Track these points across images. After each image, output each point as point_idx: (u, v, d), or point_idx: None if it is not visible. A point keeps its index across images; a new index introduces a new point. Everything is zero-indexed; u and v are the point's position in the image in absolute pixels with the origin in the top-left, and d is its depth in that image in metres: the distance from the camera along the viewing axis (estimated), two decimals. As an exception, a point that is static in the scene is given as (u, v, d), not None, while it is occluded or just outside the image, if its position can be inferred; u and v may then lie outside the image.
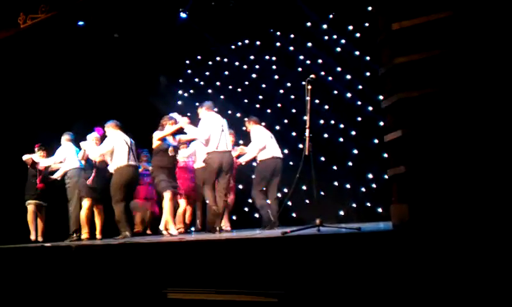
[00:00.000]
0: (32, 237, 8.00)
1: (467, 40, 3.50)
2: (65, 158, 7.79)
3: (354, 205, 7.97)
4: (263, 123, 7.52)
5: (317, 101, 8.17)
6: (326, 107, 8.43)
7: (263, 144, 7.03)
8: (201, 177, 7.07)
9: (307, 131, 4.78)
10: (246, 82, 9.59)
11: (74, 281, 5.09)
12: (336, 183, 8.17)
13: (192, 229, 8.17)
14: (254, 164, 7.72)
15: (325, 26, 8.66)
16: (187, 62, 10.52)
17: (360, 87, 8.15)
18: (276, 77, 9.20)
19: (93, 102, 9.42)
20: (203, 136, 6.65)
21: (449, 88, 3.51)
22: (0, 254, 6.28)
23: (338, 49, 8.50)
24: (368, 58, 8.06)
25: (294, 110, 8.73)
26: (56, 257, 5.62)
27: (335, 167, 8.23)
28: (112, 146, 6.89)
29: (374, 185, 7.83)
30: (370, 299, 3.24)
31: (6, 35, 8.40)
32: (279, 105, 9.00)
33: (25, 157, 8.03)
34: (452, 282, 2.99)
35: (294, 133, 8.57)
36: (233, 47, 9.86)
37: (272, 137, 7.17)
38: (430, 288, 3.04)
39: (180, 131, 6.97)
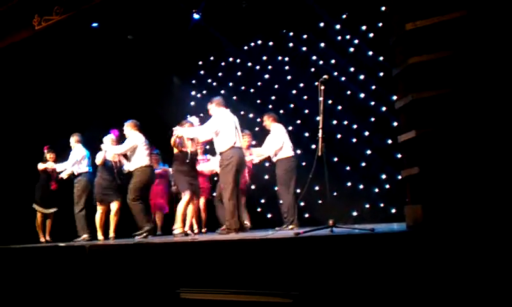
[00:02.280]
0: (42, 240, 8.09)
1: (481, 40, 3.47)
2: (79, 161, 7.86)
3: (367, 206, 7.94)
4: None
5: (330, 101, 8.15)
6: (339, 107, 8.40)
7: (280, 144, 7.08)
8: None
9: (320, 131, 4.78)
10: (259, 83, 9.58)
11: (88, 281, 5.13)
12: (349, 184, 8.14)
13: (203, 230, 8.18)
14: (267, 164, 7.73)
15: (338, 26, 8.62)
16: (200, 63, 10.54)
17: (373, 87, 8.11)
18: (289, 77, 9.18)
19: (106, 103, 9.48)
20: (206, 134, 6.55)
21: (463, 88, 3.48)
22: (14, 253, 6.36)
23: (352, 49, 8.46)
24: (381, 58, 8.02)
25: (306, 111, 8.71)
26: (69, 257, 5.67)
27: (348, 168, 8.20)
28: (136, 144, 6.96)
29: (387, 186, 7.79)
30: (383, 300, 3.23)
31: (21, 37, 8.48)
32: (292, 105, 8.99)
33: (41, 167, 8.13)
34: (467, 283, 2.96)
35: (306, 134, 8.56)
36: (245, 47, 9.86)
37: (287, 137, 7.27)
38: (444, 289, 3.02)
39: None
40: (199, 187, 7.24)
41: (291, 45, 9.26)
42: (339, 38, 8.61)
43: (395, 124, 7.46)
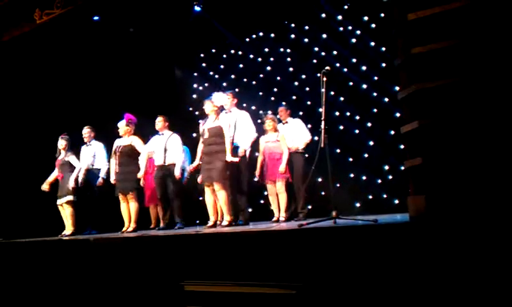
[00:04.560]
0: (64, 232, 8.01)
1: (484, 29, 3.46)
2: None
3: (370, 197, 7.93)
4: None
5: (332, 93, 8.14)
6: (342, 98, 8.38)
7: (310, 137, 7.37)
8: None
9: (323, 123, 4.77)
10: (261, 75, 9.56)
11: (93, 273, 5.15)
12: (352, 175, 8.13)
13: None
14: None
15: (340, 17, 8.58)
16: (202, 55, 10.52)
17: (376, 78, 8.08)
18: (291, 69, 9.16)
19: (107, 96, 9.48)
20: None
21: (466, 78, 3.47)
22: (20, 247, 6.39)
23: (354, 40, 8.42)
24: (383, 49, 7.99)
25: (309, 103, 8.67)
26: (74, 250, 5.69)
27: (350, 159, 8.19)
28: None
29: (390, 177, 7.78)
30: (387, 291, 3.23)
31: (23, 31, 8.49)
32: (294, 97, 8.96)
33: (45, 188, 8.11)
34: (469, 274, 2.97)
35: (309, 126, 8.48)
36: (247, 39, 9.84)
37: None
38: (447, 279, 3.03)
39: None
40: None
41: (293, 36, 9.23)
42: (341, 29, 8.57)
43: (398, 115, 7.46)
